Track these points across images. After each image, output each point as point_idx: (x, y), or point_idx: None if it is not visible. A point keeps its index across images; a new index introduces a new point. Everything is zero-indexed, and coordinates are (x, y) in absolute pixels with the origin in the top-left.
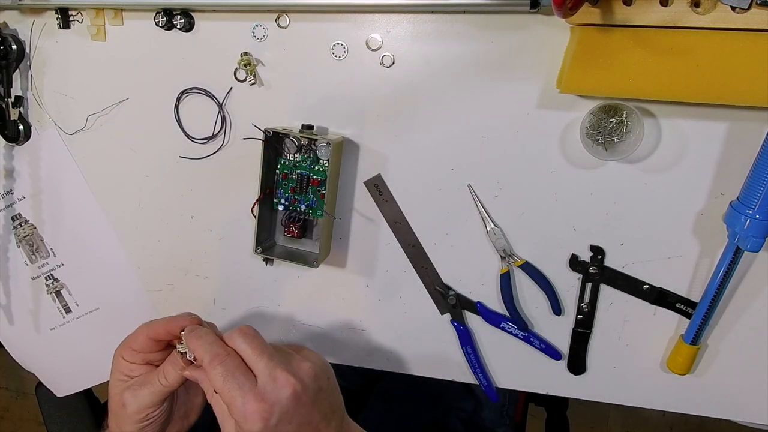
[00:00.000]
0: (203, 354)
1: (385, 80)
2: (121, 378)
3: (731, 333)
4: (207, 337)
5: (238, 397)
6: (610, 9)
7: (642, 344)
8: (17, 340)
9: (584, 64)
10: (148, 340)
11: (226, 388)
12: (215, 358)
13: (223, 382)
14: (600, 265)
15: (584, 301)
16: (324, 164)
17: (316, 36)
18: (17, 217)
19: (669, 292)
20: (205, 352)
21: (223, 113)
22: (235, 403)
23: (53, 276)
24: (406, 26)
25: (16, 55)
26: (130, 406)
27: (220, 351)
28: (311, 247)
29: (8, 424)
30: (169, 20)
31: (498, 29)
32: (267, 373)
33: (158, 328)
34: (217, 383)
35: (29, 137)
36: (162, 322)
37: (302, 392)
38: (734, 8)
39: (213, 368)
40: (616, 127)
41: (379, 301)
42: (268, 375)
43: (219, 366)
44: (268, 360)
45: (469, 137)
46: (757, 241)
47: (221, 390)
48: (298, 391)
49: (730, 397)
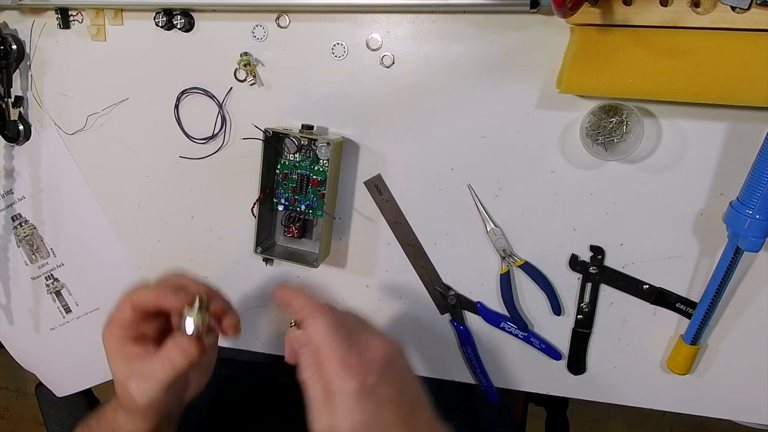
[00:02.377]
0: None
1: (385, 80)
2: (118, 360)
3: (731, 333)
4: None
5: (338, 350)
6: (610, 9)
7: (642, 344)
8: (17, 340)
9: (584, 64)
10: (134, 314)
11: (327, 341)
12: (318, 310)
13: (324, 334)
14: (600, 265)
15: (584, 301)
16: (324, 164)
17: (316, 36)
18: (17, 217)
19: (669, 292)
20: (306, 302)
21: (223, 113)
22: (334, 357)
23: (53, 276)
24: (406, 26)
25: (16, 55)
26: (139, 399)
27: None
28: (311, 247)
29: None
30: (169, 20)
31: (498, 29)
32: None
33: (144, 299)
34: (317, 335)
35: (29, 137)
36: (149, 294)
37: (398, 357)
38: (734, 8)
39: (314, 319)
40: (616, 127)
41: (379, 301)
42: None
43: (321, 318)
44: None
45: (469, 137)
46: (757, 241)
47: (320, 344)
48: (395, 356)
49: (730, 397)
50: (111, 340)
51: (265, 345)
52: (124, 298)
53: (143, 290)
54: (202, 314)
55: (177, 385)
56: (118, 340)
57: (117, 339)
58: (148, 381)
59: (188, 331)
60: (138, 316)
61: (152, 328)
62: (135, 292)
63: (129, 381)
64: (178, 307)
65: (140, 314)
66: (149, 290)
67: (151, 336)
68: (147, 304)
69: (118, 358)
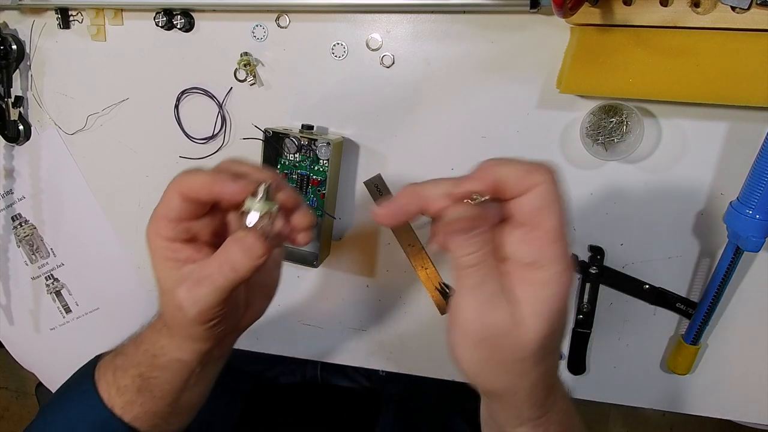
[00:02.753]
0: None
1: (385, 80)
2: (166, 265)
3: (731, 333)
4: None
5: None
6: (610, 9)
7: (642, 344)
8: (17, 340)
9: (584, 64)
10: (184, 205)
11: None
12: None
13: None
14: (600, 265)
15: (584, 301)
16: (324, 164)
17: (316, 36)
18: (17, 217)
19: (669, 292)
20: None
21: (223, 113)
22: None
23: (53, 276)
24: (406, 26)
25: (16, 55)
26: (189, 309)
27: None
28: (311, 247)
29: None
30: (169, 20)
31: (498, 29)
32: None
33: (196, 187)
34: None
35: (29, 137)
36: (201, 180)
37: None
38: (734, 8)
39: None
40: (616, 127)
41: (379, 301)
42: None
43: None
44: None
45: (469, 137)
46: (757, 241)
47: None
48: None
49: (730, 397)
50: (156, 239)
51: (265, 345)
52: (171, 187)
53: (194, 175)
54: (268, 206)
55: (234, 302)
56: (165, 238)
57: (164, 238)
58: (202, 286)
59: (251, 224)
60: (189, 210)
61: (206, 229)
62: (184, 178)
63: (178, 288)
64: (239, 196)
65: (191, 207)
66: (202, 176)
67: (204, 238)
68: (199, 194)
69: (164, 260)
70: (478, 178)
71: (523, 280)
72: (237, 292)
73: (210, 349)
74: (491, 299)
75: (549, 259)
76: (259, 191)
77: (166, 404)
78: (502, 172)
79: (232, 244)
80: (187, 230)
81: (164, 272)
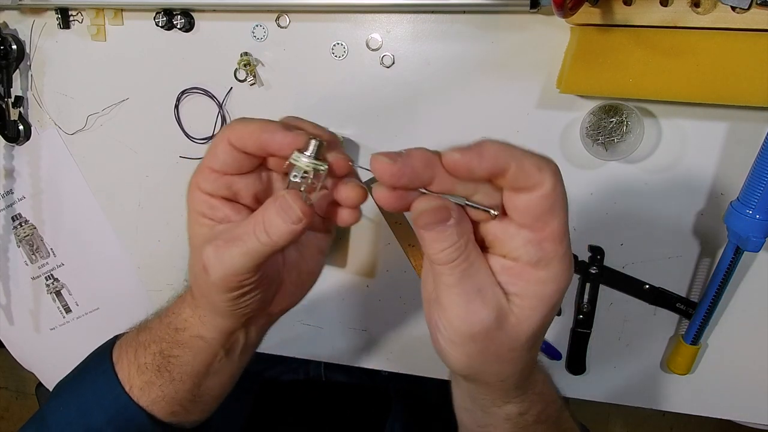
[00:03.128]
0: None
1: (385, 80)
2: (201, 221)
3: (731, 333)
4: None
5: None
6: (610, 9)
7: (642, 344)
8: (17, 340)
9: (584, 64)
10: (233, 155)
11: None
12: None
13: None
14: (600, 265)
15: (584, 301)
16: None
17: (316, 36)
18: (17, 217)
19: (669, 292)
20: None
21: (223, 113)
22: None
23: (53, 276)
24: (406, 26)
25: (16, 55)
26: (213, 270)
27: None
28: None
29: (8, 424)
30: (169, 20)
31: (498, 29)
32: None
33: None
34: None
35: (29, 137)
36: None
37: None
38: (734, 8)
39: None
40: (616, 127)
41: (379, 301)
42: None
43: (555, 169)
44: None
45: (469, 137)
46: (757, 241)
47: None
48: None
49: (730, 397)
50: (196, 192)
51: (265, 345)
52: (220, 134)
53: (245, 123)
54: (316, 164)
55: (265, 276)
56: (205, 192)
57: (204, 191)
58: (231, 246)
59: (294, 180)
60: (235, 161)
61: (249, 188)
62: (235, 124)
63: (207, 246)
64: (287, 148)
65: (238, 158)
66: (253, 123)
67: (246, 200)
68: (248, 144)
69: (199, 216)
70: (481, 156)
71: (523, 276)
72: (270, 266)
73: (233, 329)
74: (476, 296)
75: (552, 259)
76: (309, 146)
77: (186, 389)
78: (510, 161)
79: (271, 204)
80: (229, 186)
81: (197, 229)
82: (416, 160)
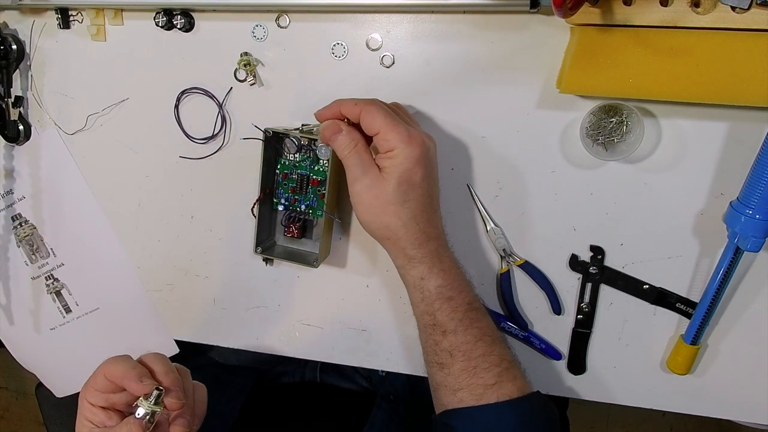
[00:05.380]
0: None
1: (385, 80)
2: (83, 423)
3: (731, 333)
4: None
5: (402, 125)
6: (610, 9)
7: (642, 344)
8: (17, 340)
9: (584, 64)
10: (105, 381)
11: (389, 120)
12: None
13: (386, 115)
14: (600, 265)
15: (584, 301)
16: (324, 164)
17: (316, 36)
18: (17, 217)
19: (669, 292)
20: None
21: (223, 113)
22: (399, 129)
23: (53, 276)
24: (406, 26)
25: (16, 55)
26: None
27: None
28: (311, 247)
29: (8, 424)
30: (169, 20)
31: (498, 29)
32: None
33: (114, 375)
34: (378, 119)
35: (29, 137)
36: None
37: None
38: (734, 8)
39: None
40: (616, 127)
41: (379, 301)
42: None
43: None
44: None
45: (469, 137)
46: (757, 241)
47: (383, 124)
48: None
49: (730, 397)
50: (83, 401)
51: (265, 345)
52: (100, 368)
53: (117, 365)
54: (154, 407)
55: None
56: (89, 402)
57: (88, 402)
58: None
59: (138, 416)
60: (109, 386)
61: (122, 400)
62: (110, 365)
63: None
64: (138, 393)
65: (111, 386)
66: (121, 367)
67: (120, 407)
68: (116, 380)
69: (83, 419)
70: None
71: (384, 158)
72: None
73: None
74: (365, 168)
75: (393, 143)
76: (152, 395)
77: None
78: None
79: (123, 426)
80: (106, 399)
81: (80, 428)
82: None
